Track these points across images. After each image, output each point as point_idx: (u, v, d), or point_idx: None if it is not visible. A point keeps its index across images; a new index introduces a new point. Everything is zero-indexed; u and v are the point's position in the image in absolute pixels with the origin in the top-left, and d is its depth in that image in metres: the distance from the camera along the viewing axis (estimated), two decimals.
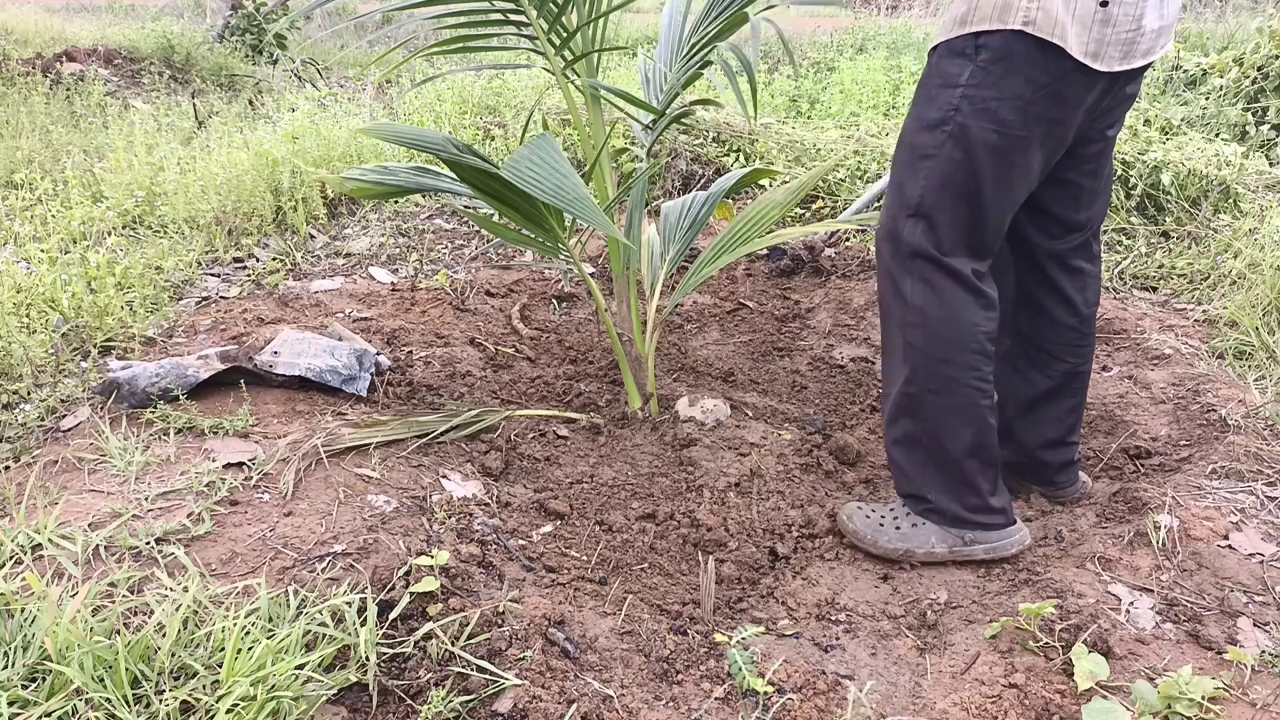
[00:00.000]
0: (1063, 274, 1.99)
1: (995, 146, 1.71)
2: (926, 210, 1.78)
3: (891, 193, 1.86)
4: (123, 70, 7.27)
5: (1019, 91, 1.66)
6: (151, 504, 1.80)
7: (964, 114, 1.70)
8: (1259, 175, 4.00)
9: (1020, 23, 1.62)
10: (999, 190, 1.76)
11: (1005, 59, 1.65)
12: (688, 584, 1.90)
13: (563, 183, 1.83)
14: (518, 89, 5.66)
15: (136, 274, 2.94)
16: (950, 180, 1.75)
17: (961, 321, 1.81)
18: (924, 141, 1.77)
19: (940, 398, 1.85)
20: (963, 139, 1.72)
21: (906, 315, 1.85)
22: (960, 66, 1.70)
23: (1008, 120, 1.69)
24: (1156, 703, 1.41)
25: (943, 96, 1.73)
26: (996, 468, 1.92)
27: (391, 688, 1.46)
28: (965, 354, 1.83)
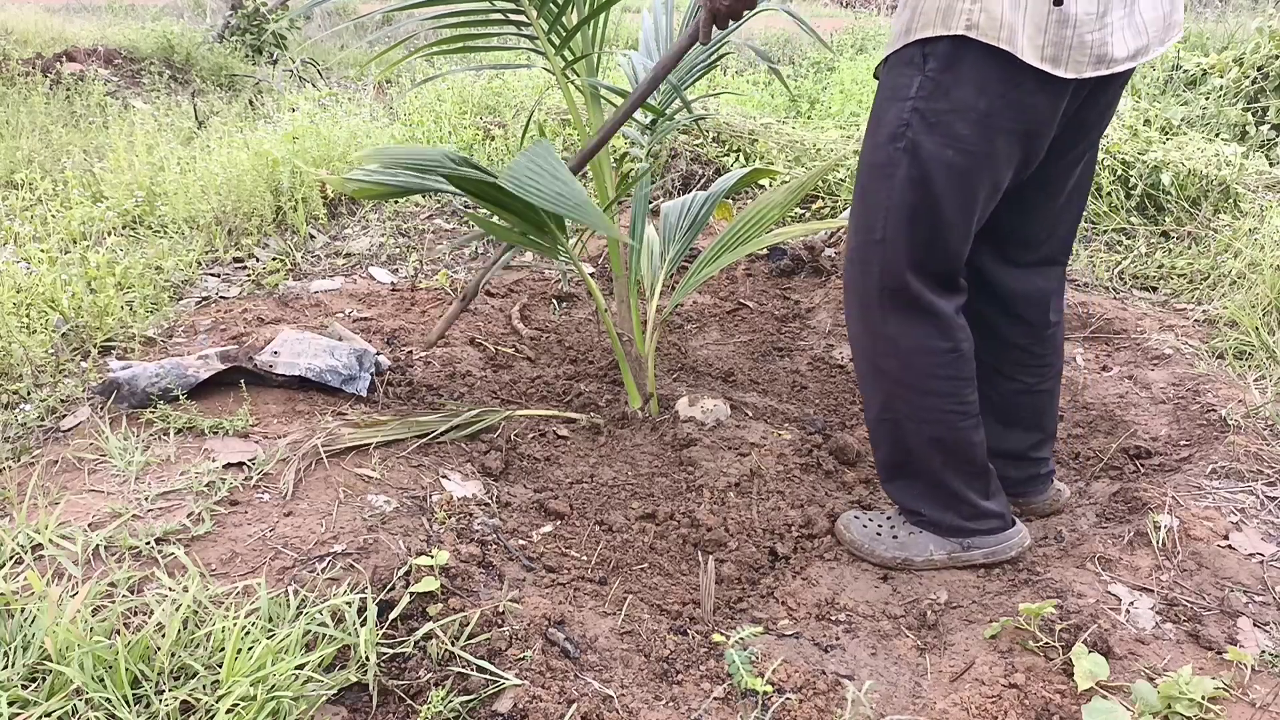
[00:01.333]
0: (1016, 294, 1.88)
1: (952, 164, 1.58)
2: (889, 234, 1.67)
3: (855, 216, 1.75)
4: (123, 70, 7.26)
5: (971, 102, 1.52)
6: (151, 504, 1.80)
7: (915, 129, 1.58)
8: (1259, 175, 4.00)
9: (963, 27, 1.47)
10: (960, 211, 1.63)
11: (952, 67, 1.52)
12: (688, 584, 1.90)
13: (563, 189, 1.83)
14: (518, 89, 5.66)
15: (136, 274, 2.94)
16: (908, 201, 1.63)
17: (934, 349, 1.73)
18: (879, 160, 1.65)
19: (918, 425, 1.80)
20: (917, 156, 1.59)
21: (877, 344, 1.78)
22: (909, 77, 1.57)
23: (963, 135, 1.55)
24: (1156, 703, 1.41)
25: (893, 111, 1.60)
26: (987, 474, 1.88)
27: (391, 688, 1.46)
28: (940, 381, 1.75)
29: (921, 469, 1.87)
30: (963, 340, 1.76)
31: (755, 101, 6.11)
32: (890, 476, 1.95)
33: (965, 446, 1.82)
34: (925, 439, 1.82)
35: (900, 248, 1.67)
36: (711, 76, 6.96)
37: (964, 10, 1.48)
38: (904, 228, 1.66)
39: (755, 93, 6.41)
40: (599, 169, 2.35)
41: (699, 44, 1.90)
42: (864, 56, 7.30)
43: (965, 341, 1.76)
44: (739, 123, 4.70)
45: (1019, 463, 2.05)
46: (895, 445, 1.88)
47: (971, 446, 1.83)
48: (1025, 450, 2.04)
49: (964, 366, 1.77)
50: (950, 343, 1.74)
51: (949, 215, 1.64)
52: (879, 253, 1.70)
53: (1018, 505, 2.10)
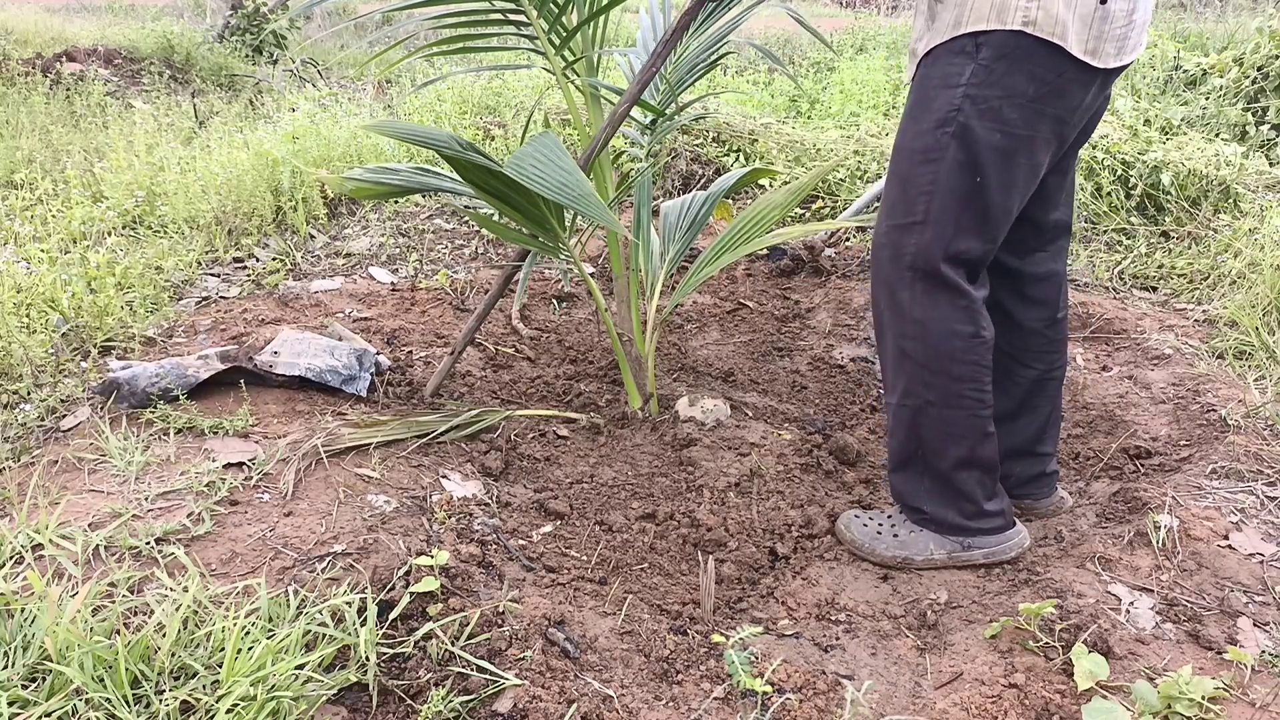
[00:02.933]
0: (1032, 278, 1.95)
1: (1000, 147, 1.67)
2: (932, 217, 1.73)
3: (890, 201, 1.80)
4: (123, 70, 7.26)
5: (1023, 89, 1.63)
6: (151, 504, 1.80)
7: (967, 114, 1.66)
8: (1259, 175, 4.00)
9: (1020, 23, 1.59)
10: (1004, 192, 1.71)
11: (1007, 56, 1.62)
12: (688, 584, 1.90)
13: (566, 179, 1.83)
14: (518, 89, 5.66)
15: (136, 274, 2.94)
16: (955, 184, 1.70)
17: (960, 334, 1.78)
18: (925, 145, 1.71)
19: (938, 410, 1.83)
20: (967, 140, 1.67)
21: (904, 327, 1.81)
22: (961, 65, 1.65)
23: (1012, 119, 1.65)
24: (1156, 703, 1.41)
25: (943, 97, 1.68)
26: (994, 474, 1.90)
27: (391, 688, 1.46)
28: (964, 366, 1.80)
29: (931, 462, 1.88)
30: (985, 328, 1.81)
31: (755, 101, 6.11)
32: (898, 466, 1.95)
33: (979, 438, 1.85)
34: (944, 427, 1.84)
35: (941, 230, 1.73)
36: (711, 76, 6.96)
37: (1021, 7, 1.59)
38: (950, 210, 1.72)
39: (755, 93, 6.41)
40: (599, 169, 2.35)
41: None
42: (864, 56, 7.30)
43: (988, 329, 1.81)
44: (739, 123, 4.70)
45: (1026, 459, 2.06)
46: (910, 433, 1.89)
47: (985, 439, 1.86)
48: (1033, 444, 2.06)
49: (986, 354, 1.81)
50: (974, 327, 1.79)
51: (994, 197, 1.71)
52: (916, 235, 1.75)
53: (1020, 508, 2.11)
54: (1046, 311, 1.98)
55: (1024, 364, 2.00)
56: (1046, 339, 1.99)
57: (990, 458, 1.88)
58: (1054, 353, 2.01)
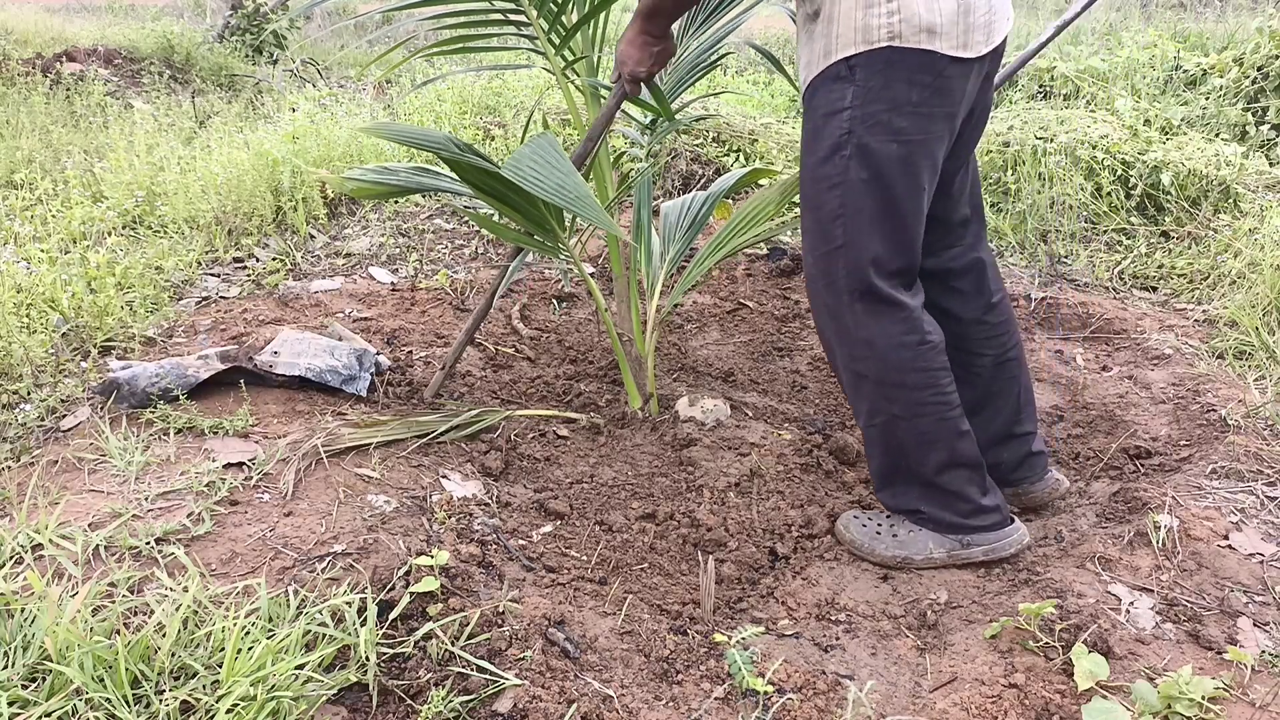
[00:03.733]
0: (956, 273, 1.98)
1: (899, 156, 1.70)
2: (850, 239, 1.76)
3: (808, 232, 1.84)
4: (123, 70, 7.26)
5: (906, 96, 1.66)
6: (151, 504, 1.80)
7: (859, 134, 1.69)
8: (1259, 175, 4.00)
9: (885, 39, 1.62)
10: (913, 197, 1.75)
11: (881, 70, 1.65)
12: (688, 584, 1.90)
13: (564, 181, 1.83)
14: (518, 89, 5.66)
15: (136, 274, 2.94)
16: (864, 202, 1.73)
17: (908, 344, 1.81)
18: (826, 173, 1.75)
19: (907, 421, 1.86)
20: (865, 157, 1.70)
21: (853, 350, 1.84)
22: (841, 90, 1.69)
23: (903, 127, 1.68)
24: (1156, 703, 1.41)
25: (832, 124, 1.71)
26: (981, 469, 1.92)
27: (391, 688, 1.46)
28: (919, 374, 1.82)
29: (917, 470, 1.90)
30: (930, 332, 1.84)
31: (755, 101, 6.11)
32: (886, 483, 1.98)
33: (953, 438, 1.87)
34: (916, 437, 1.86)
35: (862, 248, 1.77)
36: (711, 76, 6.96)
37: (882, 25, 1.63)
38: (864, 227, 1.75)
39: (755, 93, 6.41)
40: (599, 169, 2.35)
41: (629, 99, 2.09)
42: None
43: (934, 333, 1.84)
44: (739, 123, 4.70)
45: (1008, 443, 2.07)
46: (889, 448, 1.92)
47: (960, 437, 1.87)
48: (1010, 428, 2.07)
49: (937, 357, 1.84)
50: (919, 335, 1.82)
51: (904, 204, 1.75)
52: (841, 259, 1.79)
53: (1017, 497, 2.11)
54: (980, 299, 2.01)
55: (975, 353, 2.03)
56: (988, 325, 2.02)
57: (972, 455, 1.89)
58: (1001, 335, 2.03)
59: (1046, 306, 3.21)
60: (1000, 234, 3.80)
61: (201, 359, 2.31)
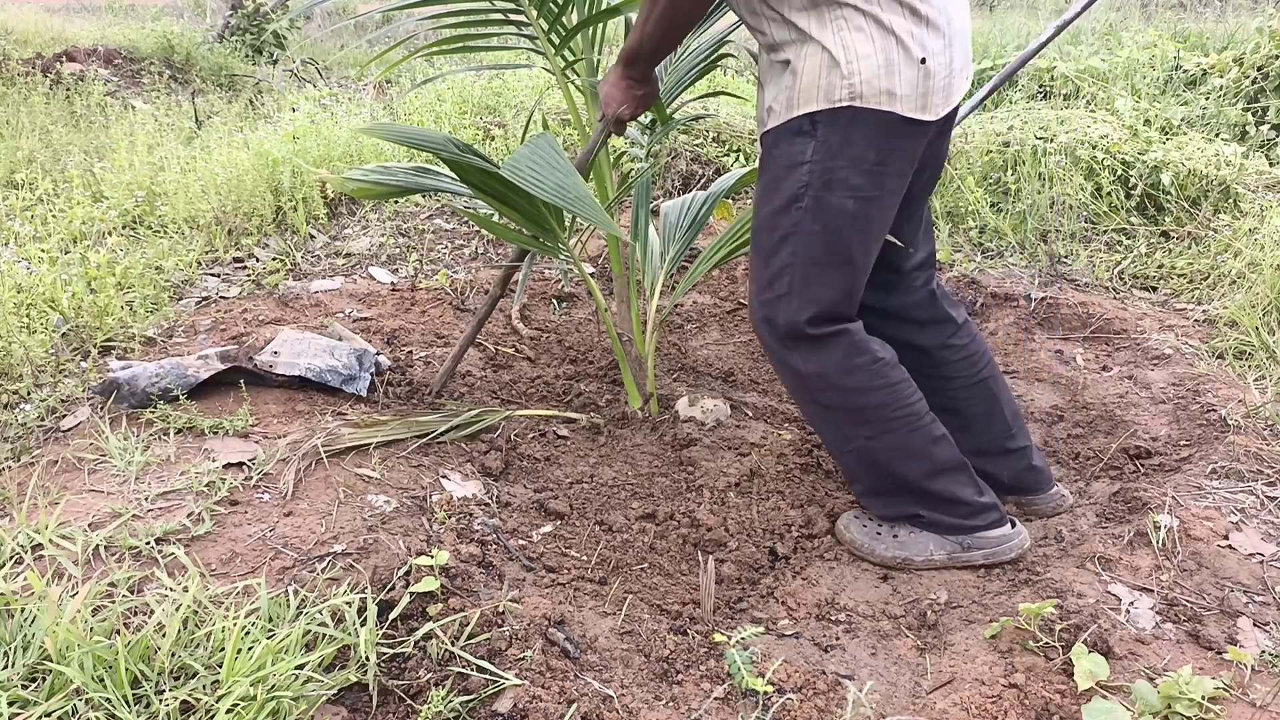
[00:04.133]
0: (912, 305, 2.01)
1: (853, 212, 1.72)
2: (796, 288, 1.78)
3: (756, 277, 1.85)
4: (123, 70, 7.26)
5: (864, 155, 1.68)
6: (151, 504, 1.80)
7: (816, 188, 1.71)
8: (1259, 175, 4.00)
9: (846, 98, 1.63)
10: (864, 250, 1.78)
11: (843, 128, 1.66)
12: (688, 584, 1.90)
13: (563, 181, 1.83)
14: (518, 89, 5.66)
15: (136, 274, 2.94)
16: (815, 253, 1.76)
17: (859, 366, 1.82)
18: (780, 224, 1.76)
19: (881, 440, 1.87)
20: (819, 211, 1.72)
21: (808, 383, 1.86)
22: (803, 145, 1.70)
23: (859, 184, 1.70)
24: (1156, 703, 1.41)
25: (791, 176, 1.73)
26: (966, 468, 1.92)
27: (391, 688, 1.46)
28: (878, 392, 1.83)
29: (905, 483, 1.91)
30: (879, 349, 1.85)
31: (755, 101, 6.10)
32: (881, 504, 1.98)
33: (930, 444, 1.87)
34: (893, 453, 1.88)
35: (805, 299, 1.79)
36: (711, 76, 6.96)
37: (843, 85, 1.63)
38: (812, 279, 1.78)
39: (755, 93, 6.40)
40: (599, 169, 2.35)
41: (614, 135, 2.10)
42: None
43: (882, 350, 1.85)
44: (739, 123, 4.70)
45: (1001, 458, 2.07)
46: (871, 470, 1.94)
47: (936, 442, 1.88)
48: (1001, 443, 2.07)
49: (892, 372, 1.85)
50: (869, 355, 1.83)
51: (855, 257, 1.78)
52: (781, 307, 1.81)
53: (1019, 508, 2.10)
54: (941, 327, 2.03)
55: (947, 378, 2.04)
56: (955, 348, 2.03)
57: (953, 458, 1.90)
58: (970, 355, 2.04)
59: (1046, 306, 3.21)
60: (1000, 234, 3.80)
61: (201, 359, 2.31)
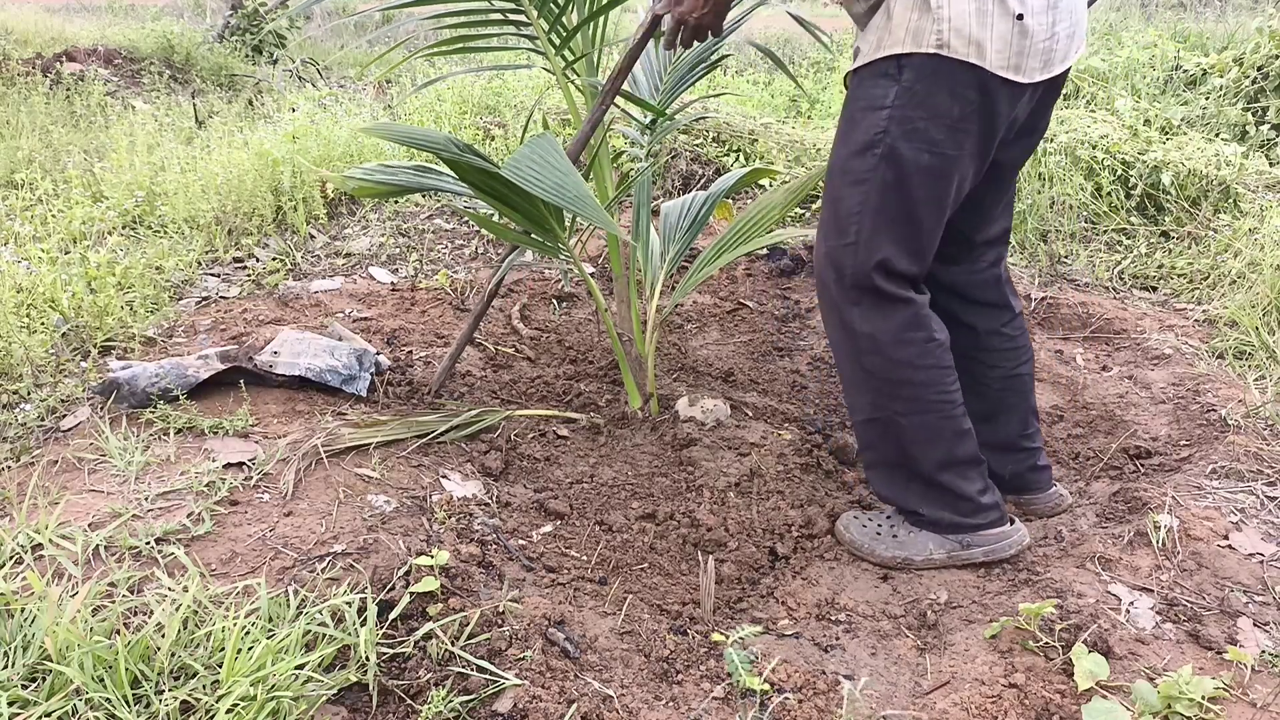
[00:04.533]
0: (976, 284, 1.98)
1: (928, 167, 1.68)
2: (863, 237, 1.75)
3: (825, 223, 1.83)
4: (123, 70, 7.26)
5: (947, 109, 1.64)
6: (151, 504, 1.80)
7: (893, 135, 1.67)
8: (1259, 175, 4.00)
9: (934, 45, 1.59)
10: (933, 208, 1.74)
11: (928, 78, 1.63)
12: (688, 584, 1.90)
13: (563, 181, 1.83)
14: (518, 89, 5.66)
15: (136, 274, 2.94)
16: (885, 203, 1.72)
17: (913, 340, 1.80)
18: (855, 167, 1.74)
19: (909, 419, 1.85)
20: (894, 161, 1.69)
21: (858, 344, 1.83)
22: (885, 88, 1.67)
23: (939, 140, 1.66)
24: (1156, 703, 1.41)
25: (869, 120, 1.70)
26: (981, 466, 1.91)
27: (391, 688, 1.46)
28: (924, 371, 1.82)
29: (916, 469, 1.90)
30: (937, 330, 1.83)
31: (755, 101, 6.11)
32: (884, 482, 1.97)
33: (954, 437, 1.86)
34: (917, 434, 1.86)
35: (874, 248, 1.75)
36: (711, 76, 6.96)
37: (933, 31, 1.59)
38: (881, 228, 1.74)
39: (755, 93, 6.40)
40: (599, 169, 2.35)
41: (663, 48, 1.98)
42: None
43: (940, 331, 1.84)
44: (739, 123, 4.70)
45: (1012, 454, 2.07)
46: (888, 445, 1.91)
47: (960, 437, 1.87)
48: (1015, 438, 2.07)
49: (944, 355, 1.83)
50: (926, 332, 1.81)
51: (923, 216, 1.74)
52: (850, 255, 1.78)
53: (1018, 507, 2.10)
54: (998, 313, 2.01)
55: (989, 365, 2.03)
56: (1005, 337, 2.02)
57: (971, 454, 1.89)
58: (1016, 349, 2.04)
59: (1046, 306, 3.21)
60: None
61: (201, 359, 2.31)
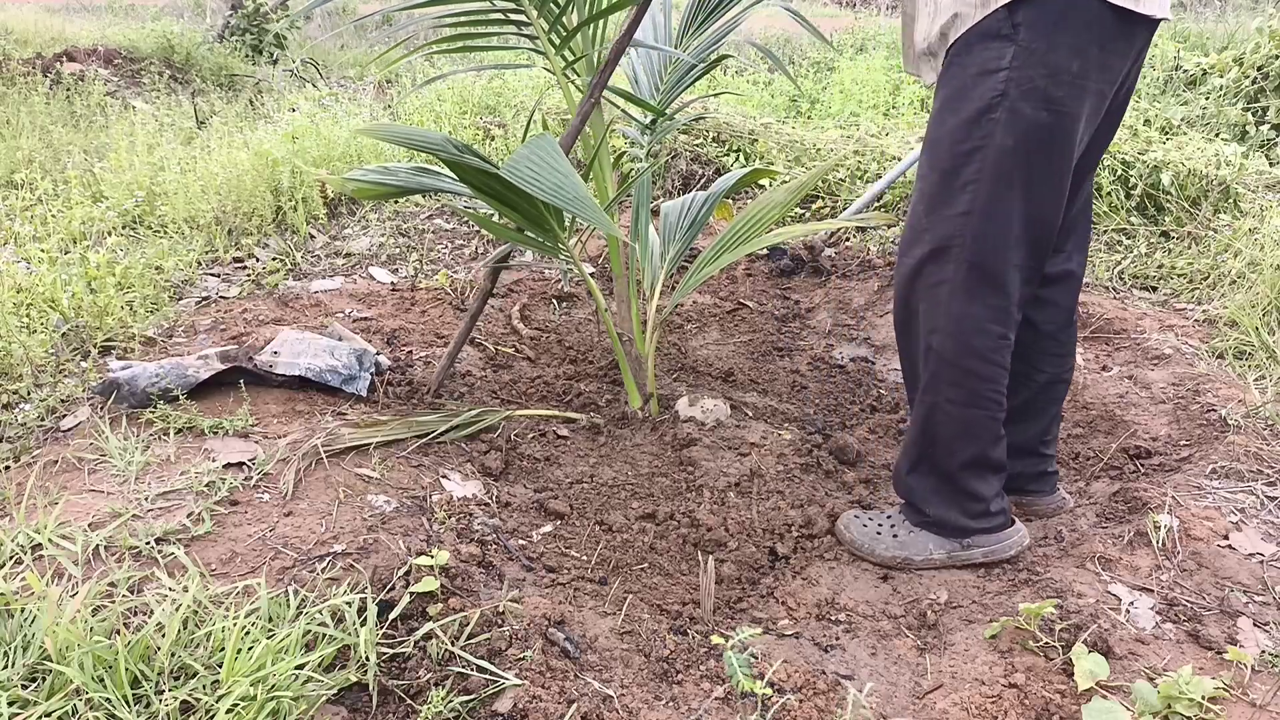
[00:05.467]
0: (1048, 279, 1.90)
1: (1050, 127, 1.59)
2: (980, 208, 1.66)
3: (930, 194, 1.73)
4: (123, 70, 7.26)
5: (1067, 65, 1.56)
6: (151, 504, 1.80)
7: (1012, 98, 1.58)
8: (1259, 175, 4.00)
9: None
10: (1058, 174, 1.65)
11: (1049, 30, 1.54)
12: (688, 584, 1.90)
13: (562, 182, 1.83)
14: (518, 89, 5.66)
15: (136, 274, 2.94)
16: (1002, 171, 1.63)
17: (991, 333, 1.74)
18: (968, 136, 1.64)
19: (957, 408, 1.80)
20: (1014, 125, 1.59)
21: (935, 322, 1.77)
22: (1000, 50, 1.57)
23: (1059, 98, 1.58)
24: (1156, 703, 1.41)
25: (985, 84, 1.60)
26: (1002, 475, 1.89)
27: (391, 688, 1.46)
28: (989, 367, 1.76)
29: (939, 461, 1.87)
30: (1013, 331, 1.78)
31: (755, 101, 6.11)
32: (910, 466, 1.93)
33: (992, 440, 1.84)
34: (956, 426, 1.82)
35: (992, 219, 1.67)
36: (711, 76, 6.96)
37: None
38: (999, 197, 1.65)
39: (755, 93, 6.41)
40: (599, 169, 2.35)
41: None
42: (864, 56, 7.30)
43: (1014, 331, 1.79)
44: (739, 123, 4.70)
45: (1030, 458, 2.06)
46: (923, 430, 1.87)
47: (997, 441, 1.85)
48: (1036, 443, 2.06)
49: (1008, 357, 1.79)
50: (1004, 329, 1.76)
51: (1045, 181, 1.65)
52: (965, 226, 1.69)
53: (1020, 507, 2.10)
54: (1060, 314, 1.95)
55: (1036, 367, 1.98)
56: (1058, 342, 1.97)
57: (1001, 459, 1.87)
58: (1065, 356, 1.99)
59: None
60: None
61: (201, 359, 2.31)
